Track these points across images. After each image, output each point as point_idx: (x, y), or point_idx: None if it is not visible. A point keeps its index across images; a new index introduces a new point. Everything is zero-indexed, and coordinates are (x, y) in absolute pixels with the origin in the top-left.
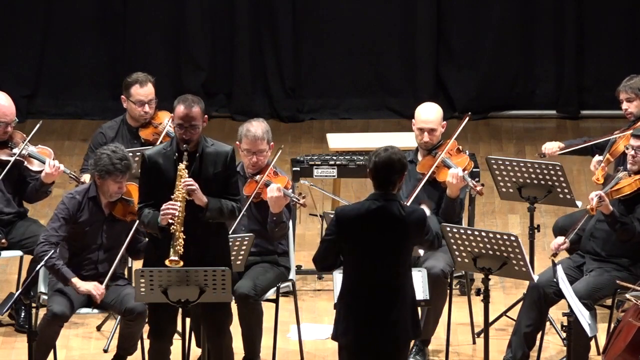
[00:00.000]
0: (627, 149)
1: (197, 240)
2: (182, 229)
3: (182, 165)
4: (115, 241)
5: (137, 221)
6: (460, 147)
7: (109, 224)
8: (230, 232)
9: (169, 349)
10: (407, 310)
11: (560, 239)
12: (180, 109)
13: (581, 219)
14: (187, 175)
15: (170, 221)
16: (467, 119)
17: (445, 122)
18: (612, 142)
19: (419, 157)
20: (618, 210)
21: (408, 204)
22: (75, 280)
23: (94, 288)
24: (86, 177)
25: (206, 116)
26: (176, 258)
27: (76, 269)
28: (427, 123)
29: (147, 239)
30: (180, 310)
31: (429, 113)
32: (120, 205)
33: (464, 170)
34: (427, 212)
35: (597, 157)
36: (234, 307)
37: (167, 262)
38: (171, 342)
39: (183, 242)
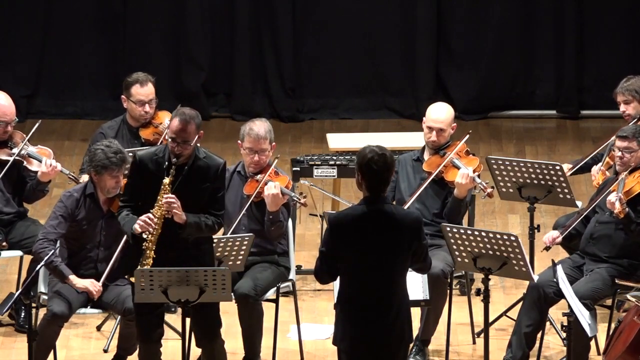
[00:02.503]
0: (614, 150)
1: (176, 247)
2: (154, 248)
3: (166, 180)
4: (114, 238)
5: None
6: (469, 149)
7: (108, 221)
8: (230, 233)
9: (159, 351)
10: (404, 313)
11: (555, 232)
12: (174, 122)
13: (577, 217)
14: (169, 191)
15: (145, 236)
16: (468, 135)
17: (455, 124)
18: (611, 146)
19: (426, 156)
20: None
21: (411, 201)
22: (73, 278)
23: (91, 285)
24: (85, 178)
25: (201, 132)
26: None
27: (76, 269)
28: (436, 122)
29: None
30: (180, 310)
31: (439, 113)
32: (118, 202)
33: (474, 171)
34: None
35: (597, 166)
36: (233, 307)
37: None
38: (160, 344)
39: (152, 262)
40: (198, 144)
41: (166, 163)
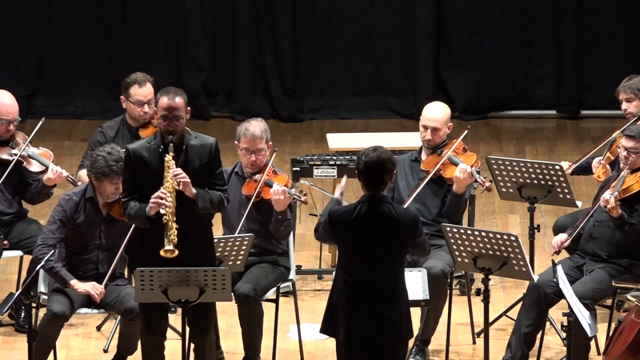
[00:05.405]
0: (619, 148)
1: (183, 232)
2: (175, 219)
3: (168, 157)
4: (114, 241)
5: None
6: (466, 147)
7: (107, 225)
8: (231, 233)
9: (163, 344)
10: (401, 310)
11: (563, 235)
12: (163, 100)
13: (583, 218)
14: (174, 166)
15: (162, 211)
16: (465, 132)
17: (451, 123)
18: (612, 141)
19: (423, 156)
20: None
21: (410, 201)
22: (74, 282)
23: (92, 288)
24: (82, 173)
25: (189, 108)
26: (171, 247)
27: (76, 270)
28: (431, 121)
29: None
30: (180, 310)
31: (434, 112)
32: (118, 206)
33: (472, 166)
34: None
35: (598, 158)
36: (233, 307)
37: (162, 253)
38: (164, 337)
39: (176, 232)
40: (187, 129)
41: (161, 147)
